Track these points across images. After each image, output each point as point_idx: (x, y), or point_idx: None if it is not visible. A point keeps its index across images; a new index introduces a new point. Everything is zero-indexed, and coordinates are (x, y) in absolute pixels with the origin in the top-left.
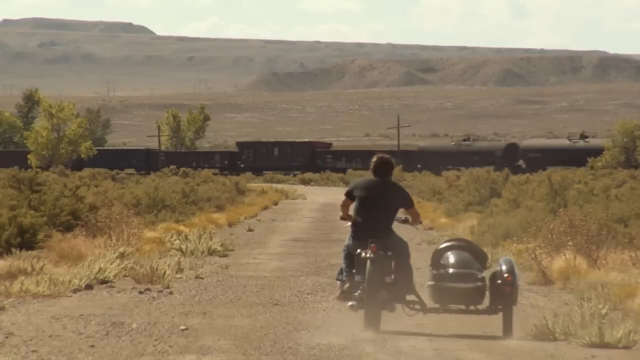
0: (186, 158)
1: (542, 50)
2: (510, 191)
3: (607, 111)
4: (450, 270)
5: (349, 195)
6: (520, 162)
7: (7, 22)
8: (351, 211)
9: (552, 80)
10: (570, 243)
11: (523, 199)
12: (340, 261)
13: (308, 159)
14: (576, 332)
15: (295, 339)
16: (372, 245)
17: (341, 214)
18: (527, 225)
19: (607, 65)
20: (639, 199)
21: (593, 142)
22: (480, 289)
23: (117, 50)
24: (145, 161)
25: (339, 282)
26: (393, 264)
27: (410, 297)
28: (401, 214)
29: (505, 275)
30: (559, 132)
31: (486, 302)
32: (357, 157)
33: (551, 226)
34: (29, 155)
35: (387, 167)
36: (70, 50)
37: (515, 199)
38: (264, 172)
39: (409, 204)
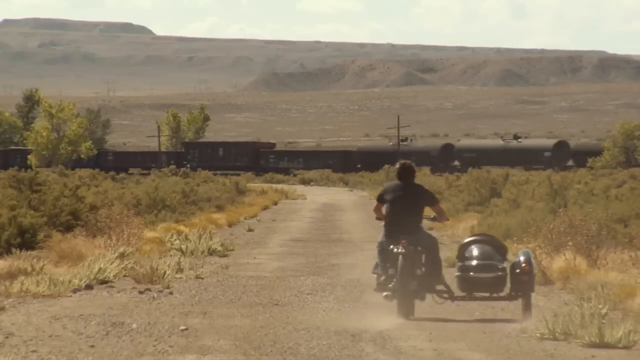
0: (134, 158)
1: (542, 50)
2: (510, 191)
3: (607, 111)
4: (474, 262)
5: (380, 199)
6: (456, 162)
7: (7, 22)
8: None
9: (552, 80)
10: (570, 243)
11: (523, 199)
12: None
13: (251, 159)
14: (576, 332)
15: (295, 339)
16: (402, 241)
17: (376, 215)
18: (527, 225)
19: (607, 65)
20: (639, 199)
21: (526, 142)
22: (501, 278)
23: (117, 50)
24: (95, 161)
25: (375, 276)
26: (423, 257)
27: (439, 287)
28: (427, 212)
29: (523, 265)
30: (559, 132)
31: (507, 289)
32: (298, 158)
33: (551, 226)
34: (29, 156)
35: (409, 172)
36: (70, 50)
37: (515, 199)
38: (209, 171)
39: (433, 202)
